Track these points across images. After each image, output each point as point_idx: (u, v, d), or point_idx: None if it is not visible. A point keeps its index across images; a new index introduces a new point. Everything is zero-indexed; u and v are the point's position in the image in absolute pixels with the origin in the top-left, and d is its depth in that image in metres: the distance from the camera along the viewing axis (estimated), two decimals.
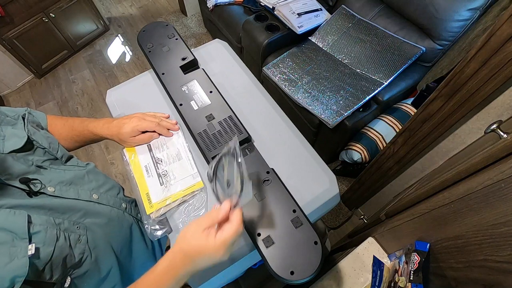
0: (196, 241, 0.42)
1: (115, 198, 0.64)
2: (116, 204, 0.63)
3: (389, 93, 1.43)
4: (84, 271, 0.50)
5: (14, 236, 0.40)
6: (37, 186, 0.48)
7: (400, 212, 0.74)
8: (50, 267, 0.43)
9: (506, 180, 0.39)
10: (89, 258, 0.51)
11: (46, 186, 0.50)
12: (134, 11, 2.85)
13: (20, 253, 0.39)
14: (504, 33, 0.56)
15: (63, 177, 0.54)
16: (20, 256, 0.39)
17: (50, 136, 0.59)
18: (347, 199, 1.65)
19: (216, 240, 0.41)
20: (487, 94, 0.66)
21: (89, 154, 2.04)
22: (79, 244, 0.49)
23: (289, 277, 0.48)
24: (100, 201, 0.59)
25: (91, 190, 0.58)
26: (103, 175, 0.66)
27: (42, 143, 0.54)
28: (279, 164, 0.63)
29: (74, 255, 0.48)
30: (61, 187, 0.52)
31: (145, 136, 0.64)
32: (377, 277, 0.73)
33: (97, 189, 0.60)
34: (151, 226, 0.57)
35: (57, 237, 0.45)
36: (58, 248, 0.45)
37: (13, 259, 0.38)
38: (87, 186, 0.58)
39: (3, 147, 0.48)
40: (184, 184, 0.61)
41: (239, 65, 0.81)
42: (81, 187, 0.57)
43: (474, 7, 1.24)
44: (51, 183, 0.51)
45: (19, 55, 2.13)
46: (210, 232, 0.42)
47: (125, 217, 0.64)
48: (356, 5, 1.65)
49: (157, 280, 0.43)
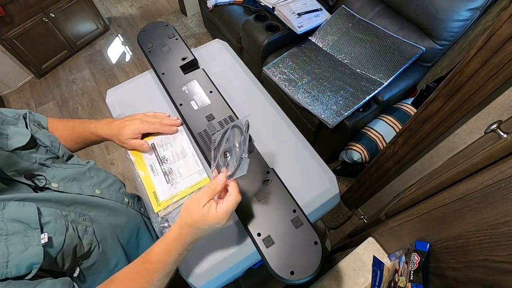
0: (200, 214, 0.46)
1: (117, 193, 0.65)
2: (118, 198, 0.64)
3: (389, 93, 1.43)
4: (92, 262, 0.51)
5: (26, 226, 0.41)
6: (42, 182, 0.50)
7: (400, 212, 0.74)
8: (62, 256, 0.45)
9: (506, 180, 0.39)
10: (97, 249, 0.52)
11: (51, 182, 0.51)
12: (134, 11, 2.85)
13: (34, 241, 0.41)
14: (504, 33, 0.56)
15: (66, 174, 0.55)
16: (34, 245, 0.40)
17: (52, 135, 0.59)
18: (347, 199, 1.65)
19: (218, 212, 0.46)
20: (487, 94, 0.66)
21: (89, 154, 2.04)
22: (86, 235, 0.51)
23: (289, 277, 0.48)
24: (103, 196, 0.60)
25: (93, 186, 0.59)
26: (104, 171, 0.67)
27: (44, 142, 0.55)
28: (279, 164, 0.63)
29: (83, 245, 0.49)
30: (64, 183, 0.54)
31: (137, 142, 0.64)
32: (377, 277, 0.74)
33: (99, 185, 0.61)
34: (160, 224, 0.58)
35: (66, 227, 0.47)
36: (68, 237, 0.46)
37: (27, 248, 0.40)
38: (89, 182, 0.59)
39: (8, 145, 0.49)
40: (190, 181, 0.62)
41: (239, 65, 0.81)
42: (84, 183, 0.58)
43: (474, 7, 1.24)
44: (55, 179, 0.52)
45: (19, 55, 2.13)
46: (211, 204, 0.47)
47: (129, 211, 0.65)
48: (356, 5, 1.65)
49: (169, 247, 0.47)
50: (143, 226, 0.68)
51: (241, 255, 0.56)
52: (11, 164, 0.48)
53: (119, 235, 0.59)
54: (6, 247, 0.38)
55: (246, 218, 0.55)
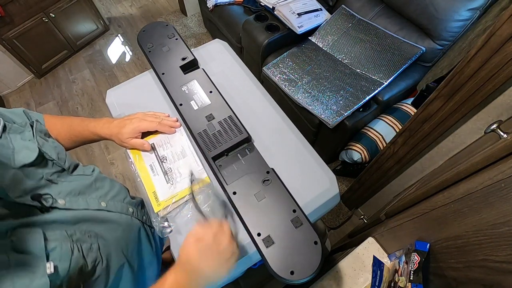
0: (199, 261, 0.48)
1: (122, 204, 0.64)
2: (123, 209, 0.63)
3: (389, 93, 1.43)
4: (96, 276, 0.50)
5: (32, 256, 0.39)
6: (49, 201, 0.47)
7: (400, 212, 0.74)
8: (67, 281, 0.43)
9: (506, 180, 0.39)
10: (101, 264, 0.51)
11: (57, 200, 0.48)
12: (134, 11, 2.85)
13: (39, 272, 0.39)
14: (504, 33, 0.56)
15: (72, 187, 0.53)
16: (40, 276, 0.39)
17: (58, 146, 0.57)
18: (347, 199, 1.65)
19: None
20: (487, 94, 0.66)
21: (89, 154, 2.04)
22: (91, 253, 0.49)
23: (289, 277, 0.49)
24: (109, 209, 0.58)
25: (99, 198, 0.57)
26: (109, 180, 0.65)
27: (51, 155, 0.52)
28: (279, 164, 0.63)
29: (87, 264, 0.47)
30: (70, 198, 0.51)
31: (137, 142, 0.64)
32: (377, 277, 0.73)
33: (105, 196, 0.60)
34: (160, 224, 0.58)
35: (71, 251, 0.45)
36: (74, 260, 0.44)
37: (33, 280, 0.38)
38: (95, 194, 0.57)
39: (14, 160, 0.45)
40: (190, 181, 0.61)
41: (239, 65, 0.81)
42: (89, 196, 0.56)
43: (474, 7, 1.24)
44: (61, 195, 0.50)
45: (19, 55, 2.13)
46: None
47: (133, 222, 0.64)
48: (356, 5, 1.65)
49: None
50: (144, 235, 0.68)
51: (241, 255, 0.56)
52: (17, 183, 0.44)
53: (123, 247, 0.58)
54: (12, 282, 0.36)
55: (246, 218, 0.55)
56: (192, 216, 0.59)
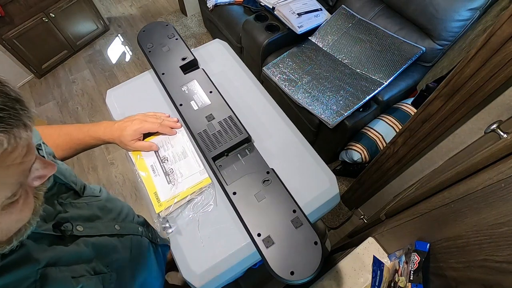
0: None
1: (132, 224, 0.64)
2: (134, 230, 0.63)
3: (389, 93, 1.43)
4: None
5: None
6: (69, 229, 0.45)
7: (400, 212, 0.74)
8: None
9: (506, 180, 0.39)
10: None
11: (75, 226, 0.46)
12: (134, 11, 2.85)
13: None
14: (504, 33, 0.56)
15: (87, 213, 0.52)
16: None
17: (68, 168, 0.54)
18: (347, 199, 1.65)
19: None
20: (487, 94, 0.66)
21: (89, 154, 2.04)
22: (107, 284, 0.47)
23: (289, 277, 0.49)
24: (122, 232, 0.58)
25: (113, 221, 0.57)
26: (117, 200, 0.65)
27: (63, 178, 0.50)
28: (279, 164, 0.63)
29: None
30: (87, 224, 0.50)
31: (145, 144, 0.64)
32: (377, 277, 0.73)
33: (117, 218, 0.59)
34: (161, 225, 0.58)
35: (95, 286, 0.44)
36: None
37: None
38: (108, 217, 0.57)
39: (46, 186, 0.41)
40: (191, 181, 0.62)
41: (239, 65, 0.81)
42: (104, 219, 0.55)
43: (474, 7, 1.24)
44: (78, 221, 0.48)
45: (19, 55, 2.13)
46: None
47: (143, 241, 0.65)
48: (356, 5, 1.65)
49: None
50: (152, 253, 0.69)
51: (241, 255, 0.56)
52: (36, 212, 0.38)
53: (135, 269, 0.58)
54: None
55: (246, 218, 0.55)
56: (193, 216, 0.59)
